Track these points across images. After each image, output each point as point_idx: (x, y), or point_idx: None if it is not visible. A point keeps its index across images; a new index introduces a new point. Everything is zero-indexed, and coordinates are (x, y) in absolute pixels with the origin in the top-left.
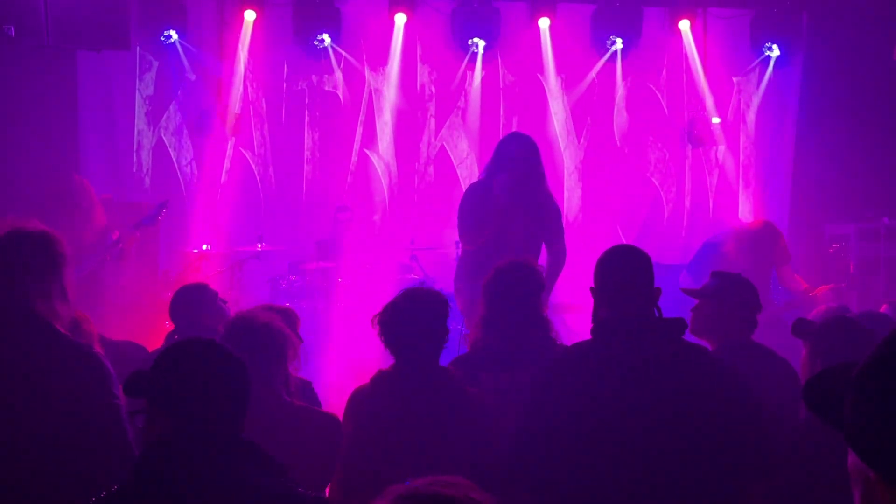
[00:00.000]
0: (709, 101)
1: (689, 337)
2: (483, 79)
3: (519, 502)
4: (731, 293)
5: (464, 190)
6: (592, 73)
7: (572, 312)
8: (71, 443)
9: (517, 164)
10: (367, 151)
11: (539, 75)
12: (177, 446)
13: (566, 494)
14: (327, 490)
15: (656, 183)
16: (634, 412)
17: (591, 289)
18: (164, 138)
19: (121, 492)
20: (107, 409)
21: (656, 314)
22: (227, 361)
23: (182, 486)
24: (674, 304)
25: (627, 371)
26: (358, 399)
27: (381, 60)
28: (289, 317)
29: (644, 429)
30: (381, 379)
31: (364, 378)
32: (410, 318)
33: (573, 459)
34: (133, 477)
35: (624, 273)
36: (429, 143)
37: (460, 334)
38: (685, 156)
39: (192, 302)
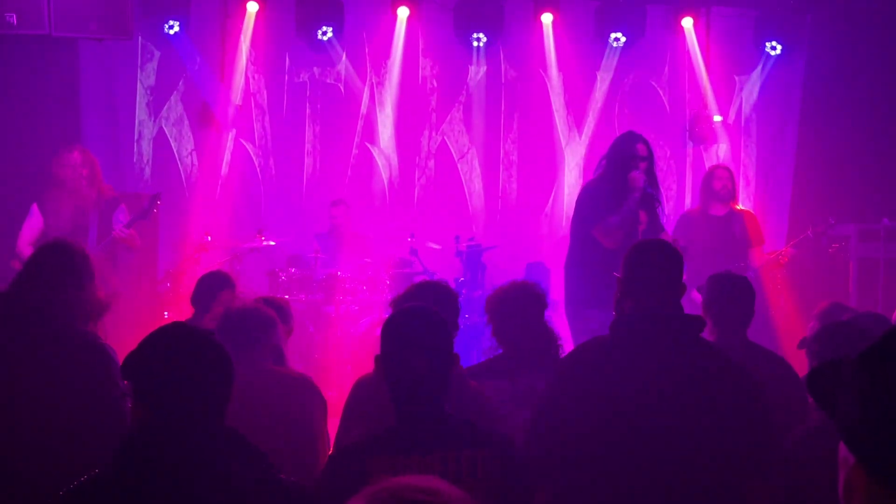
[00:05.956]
0: (711, 100)
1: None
2: (485, 73)
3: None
4: (727, 300)
5: (464, 185)
6: (596, 71)
7: None
8: (78, 431)
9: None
10: (368, 145)
11: (541, 71)
12: (155, 433)
13: (576, 488)
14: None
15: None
16: (649, 409)
17: (618, 279)
18: (165, 129)
19: (100, 477)
20: (112, 399)
21: (679, 311)
22: (206, 348)
23: (159, 473)
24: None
25: (644, 368)
26: (362, 387)
27: (383, 54)
28: (281, 308)
29: (658, 426)
30: None
31: (361, 371)
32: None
33: (586, 453)
34: (112, 463)
35: (654, 268)
36: (430, 138)
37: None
38: (686, 154)
39: (214, 288)
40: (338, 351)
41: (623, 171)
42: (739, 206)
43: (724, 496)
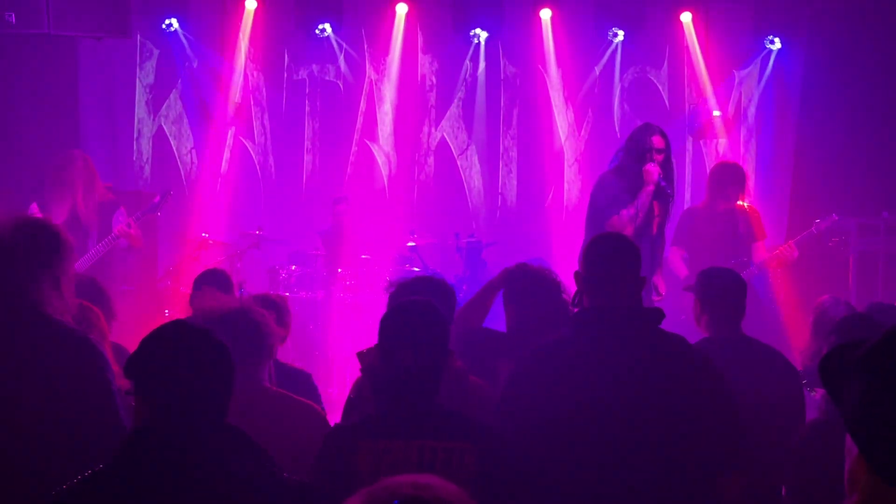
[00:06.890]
0: (710, 94)
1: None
2: (484, 70)
3: None
4: (718, 295)
5: (464, 182)
6: (595, 66)
7: None
8: (64, 427)
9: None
10: (368, 142)
11: (540, 67)
12: (158, 431)
13: (539, 481)
14: None
15: None
16: (608, 402)
17: (576, 273)
18: (164, 127)
19: (103, 473)
20: (99, 394)
21: (637, 304)
22: (208, 346)
23: (162, 471)
24: (673, 297)
25: (602, 361)
26: (362, 385)
27: (382, 50)
28: (279, 306)
29: (618, 418)
30: None
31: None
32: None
33: (546, 448)
34: (115, 460)
35: (609, 263)
36: (429, 134)
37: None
38: (686, 149)
39: (215, 286)
40: (338, 348)
41: (638, 164)
42: (741, 202)
43: (691, 487)
